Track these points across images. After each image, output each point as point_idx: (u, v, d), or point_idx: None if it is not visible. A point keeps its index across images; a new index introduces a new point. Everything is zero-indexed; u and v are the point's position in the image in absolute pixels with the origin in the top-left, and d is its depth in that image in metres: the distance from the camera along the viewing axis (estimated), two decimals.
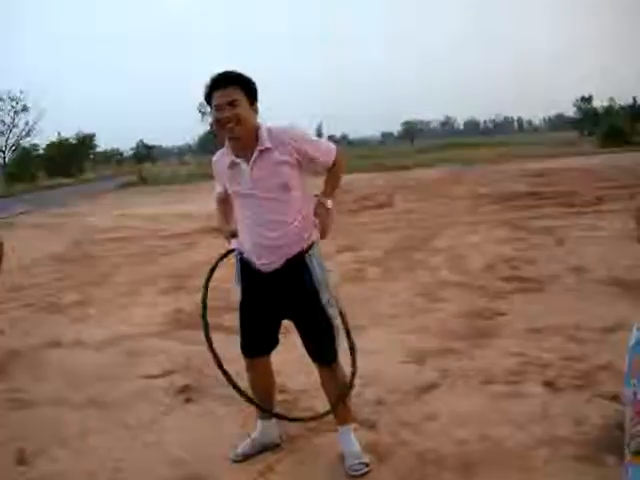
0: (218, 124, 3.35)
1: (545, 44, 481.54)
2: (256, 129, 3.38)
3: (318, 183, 3.61)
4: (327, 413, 3.75)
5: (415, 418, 4.08)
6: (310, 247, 3.48)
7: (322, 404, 4.20)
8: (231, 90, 3.31)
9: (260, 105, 3.45)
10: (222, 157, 3.55)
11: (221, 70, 3.38)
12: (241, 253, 3.58)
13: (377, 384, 4.66)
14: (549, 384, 4.45)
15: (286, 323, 3.67)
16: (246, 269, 3.56)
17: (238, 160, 3.41)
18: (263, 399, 3.80)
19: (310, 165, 3.47)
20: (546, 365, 4.81)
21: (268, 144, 3.36)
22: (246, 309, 3.64)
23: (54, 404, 4.80)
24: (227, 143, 3.47)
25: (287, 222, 3.39)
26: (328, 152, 3.55)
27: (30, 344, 6.35)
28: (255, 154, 3.36)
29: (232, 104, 3.29)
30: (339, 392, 3.63)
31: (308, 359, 3.69)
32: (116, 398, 4.82)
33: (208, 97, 3.37)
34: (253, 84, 3.39)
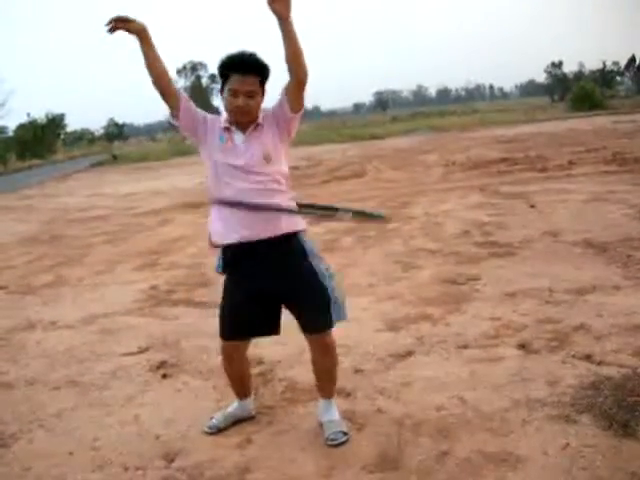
0: (228, 108, 3.38)
1: (515, 10, 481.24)
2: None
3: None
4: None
5: (392, 385, 4.09)
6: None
7: (299, 374, 4.23)
8: (251, 78, 3.33)
9: None
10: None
11: (243, 50, 3.37)
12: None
13: (354, 353, 4.66)
14: (524, 346, 4.49)
15: None
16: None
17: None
18: (243, 382, 3.81)
19: (283, 108, 3.41)
20: (521, 328, 4.85)
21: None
22: None
23: (31, 385, 4.76)
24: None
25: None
26: None
27: (5, 327, 6.28)
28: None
29: (249, 95, 3.34)
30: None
31: (286, 329, 3.67)
32: (92, 377, 4.79)
33: (224, 74, 3.38)
34: (269, 71, 3.40)
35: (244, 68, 3.32)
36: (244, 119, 3.39)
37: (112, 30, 3.32)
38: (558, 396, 3.71)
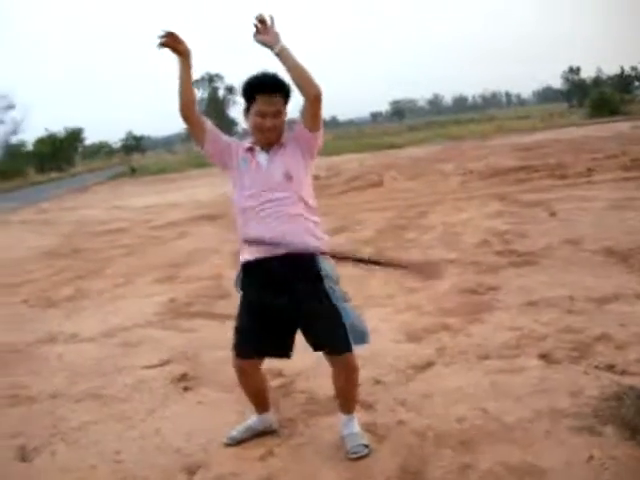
0: (256, 129, 3.43)
1: (531, 16, 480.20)
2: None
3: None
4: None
5: (413, 397, 4.08)
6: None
7: (319, 386, 4.22)
8: (276, 99, 3.39)
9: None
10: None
11: (265, 71, 3.42)
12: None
13: (374, 364, 4.64)
14: (545, 357, 4.46)
15: None
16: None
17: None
18: (259, 397, 3.81)
19: (301, 128, 3.45)
20: (542, 338, 4.82)
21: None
22: None
23: (53, 399, 4.79)
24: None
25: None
26: None
27: (27, 340, 6.33)
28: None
29: (276, 115, 3.40)
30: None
31: (304, 342, 3.67)
32: (114, 390, 4.81)
33: (249, 94, 3.43)
34: (291, 91, 3.43)
35: (270, 89, 3.37)
36: (272, 138, 3.43)
37: (162, 45, 3.37)
38: (580, 407, 3.69)
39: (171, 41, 3.38)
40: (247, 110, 3.47)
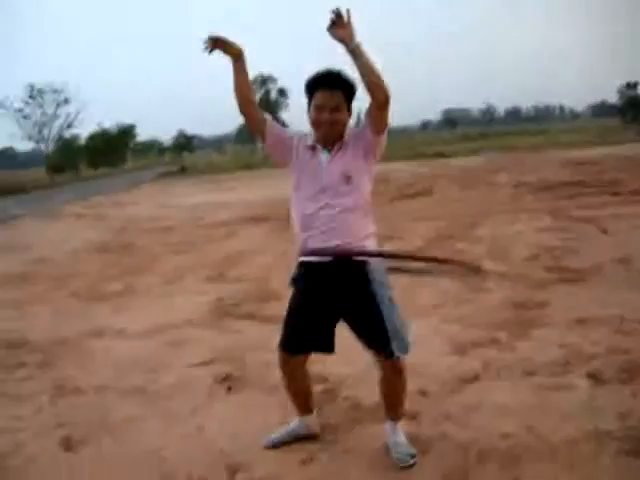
0: (313, 123, 3.44)
1: (587, 29, 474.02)
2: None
3: None
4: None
5: (458, 410, 4.04)
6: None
7: (364, 393, 4.21)
8: (335, 94, 3.38)
9: (292, 95, 3.53)
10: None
11: (330, 68, 3.42)
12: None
13: (419, 375, 4.61)
14: (593, 376, 4.38)
15: None
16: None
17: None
18: (303, 397, 3.82)
19: (365, 130, 3.41)
20: (591, 357, 4.74)
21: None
22: None
23: (99, 392, 4.87)
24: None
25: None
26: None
27: (76, 333, 6.43)
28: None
29: (334, 110, 3.38)
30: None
31: (352, 349, 3.69)
32: (159, 387, 4.87)
33: (310, 91, 3.44)
34: (355, 88, 3.42)
35: (329, 84, 3.37)
36: (330, 133, 3.41)
37: (210, 50, 3.40)
38: (628, 430, 3.61)
39: (219, 45, 3.41)
40: (309, 106, 3.46)
